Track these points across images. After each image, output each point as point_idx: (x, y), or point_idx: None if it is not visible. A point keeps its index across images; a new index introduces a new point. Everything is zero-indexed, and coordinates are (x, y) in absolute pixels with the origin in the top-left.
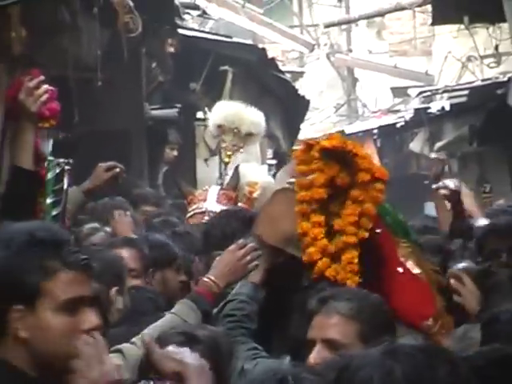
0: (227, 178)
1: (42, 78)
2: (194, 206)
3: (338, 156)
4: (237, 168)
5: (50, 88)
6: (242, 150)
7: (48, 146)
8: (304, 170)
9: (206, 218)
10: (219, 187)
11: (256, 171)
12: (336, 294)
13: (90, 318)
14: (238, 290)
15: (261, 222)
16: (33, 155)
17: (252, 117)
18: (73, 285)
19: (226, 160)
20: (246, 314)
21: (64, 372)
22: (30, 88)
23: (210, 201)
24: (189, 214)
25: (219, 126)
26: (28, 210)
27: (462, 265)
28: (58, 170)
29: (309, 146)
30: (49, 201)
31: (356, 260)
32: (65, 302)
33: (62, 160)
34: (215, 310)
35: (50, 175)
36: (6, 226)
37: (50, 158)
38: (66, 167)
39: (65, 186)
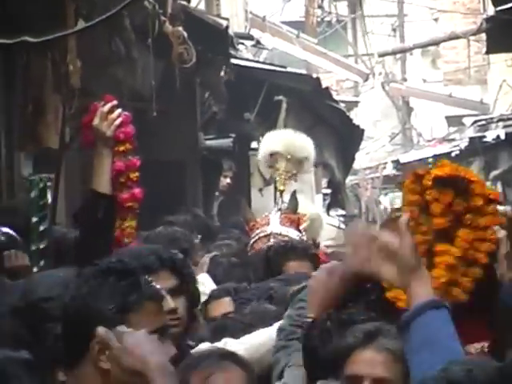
0: (284, 205)
1: (115, 102)
2: (258, 231)
3: (451, 183)
4: (294, 193)
5: (124, 112)
6: (296, 176)
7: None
8: (415, 200)
9: (272, 240)
10: (279, 212)
11: (306, 202)
12: (384, 330)
13: (169, 349)
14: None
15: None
16: (110, 180)
17: (303, 142)
18: (156, 316)
19: (281, 188)
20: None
21: None
22: (104, 113)
23: (273, 224)
24: (253, 239)
25: (271, 155)
26: (107, 233)
27: None
28: (41, 185)
29: (418, 176)
30: (35, 219)
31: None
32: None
33: (44, 175)
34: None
35: (33, 193)
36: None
37: (33, 177)
38: (48, 183)
39: (49, 201)
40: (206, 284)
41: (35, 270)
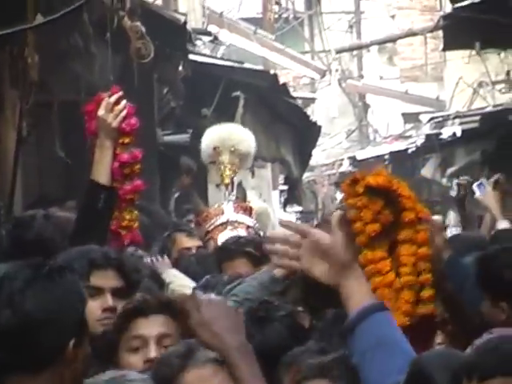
0: (233, 197)
1: (121, 93)
2: (213, 220)
3: (382, 193)
4: (240, 183)
5: (129, 104)
6: (237, 170)
7: None
8: (352, 204)
9: (229, 227)
10: (231, 202)
11: (252, 197)
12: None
13: None
14: (257, 275)
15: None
16: (110, 171)
17: (246, 136)
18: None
19: (227, 181)
20: (249, 299)
21: None
22: (110, 104)
23: (228, 212)
24: (209, 228)
25: (214, 149)
26: (104, 224)
27: None
28: None
29: (355, 180)
30: None
31: (411, 301)
32: None
33: None
34: (228, 287)
35: None
36: None
37: None
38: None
39: None
40: (178, 277)
41: None
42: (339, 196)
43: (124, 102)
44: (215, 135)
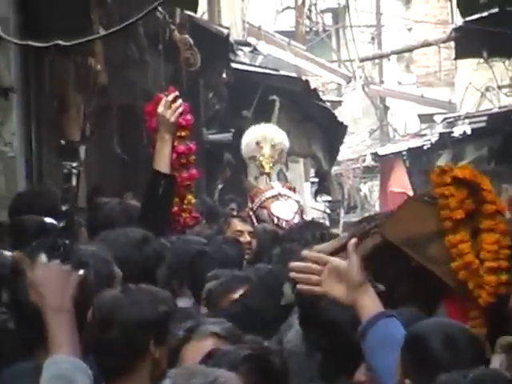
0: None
1: (177, 93)
2: (265, 193)
3: (467, 184)
4: (281, 170)
5: (185, 103)
6: (276, 163)
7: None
8: (441, 192)
9: (282, 199)
10: (277, 182)
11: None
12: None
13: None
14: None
15: (389, 222)
16: (169, 161)
17: (283, 135)
18: None
19: (268, 171)
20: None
21: None
22: (169, 101)
23: (277, 187)
24: (261, 201)
25: (257, 143)
26: (166, 208)
27: None
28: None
29: (443, 171)
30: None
31: (493, 284)
32: None
33: (67, 163)
34: None
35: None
36: None
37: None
38: (74, 170)
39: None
40: None
41: None
42: (363, 187)
43: (180, 100)
44: (257, 132)
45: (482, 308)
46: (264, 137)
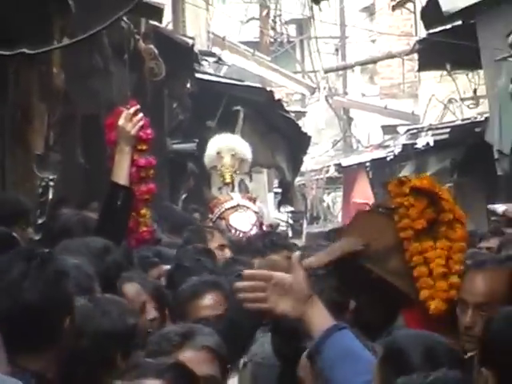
0: (236, 192)
1: (138, 106)
2: (224, 204)
3: (425, 194)
4: (242, 181)
5: (145, 117)
6: (237, 172)
7: None
8: (400, 202)
9: (240, 210)
10: (237, 193)
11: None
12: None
13: None
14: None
15: (345, 235)
16: (128, 173)
17: (244, 144)
18: None
19: (228, 180)
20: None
21: None
22: (130, 114)
23: (236, 198)
24: (220, 212)
25: (218, 153)
26: (123, 220)
27: None
28: (43, 184)
29: (401, 182)
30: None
31: (444, 289)
32: None
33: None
34: None
35: (38, 191)
36: None
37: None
38: (50, 183)
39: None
40: None
41: None
42: (326, 198)
43: (141, 114)
44: (219, 142)
45: (437, 318)
46: (224, 147)
